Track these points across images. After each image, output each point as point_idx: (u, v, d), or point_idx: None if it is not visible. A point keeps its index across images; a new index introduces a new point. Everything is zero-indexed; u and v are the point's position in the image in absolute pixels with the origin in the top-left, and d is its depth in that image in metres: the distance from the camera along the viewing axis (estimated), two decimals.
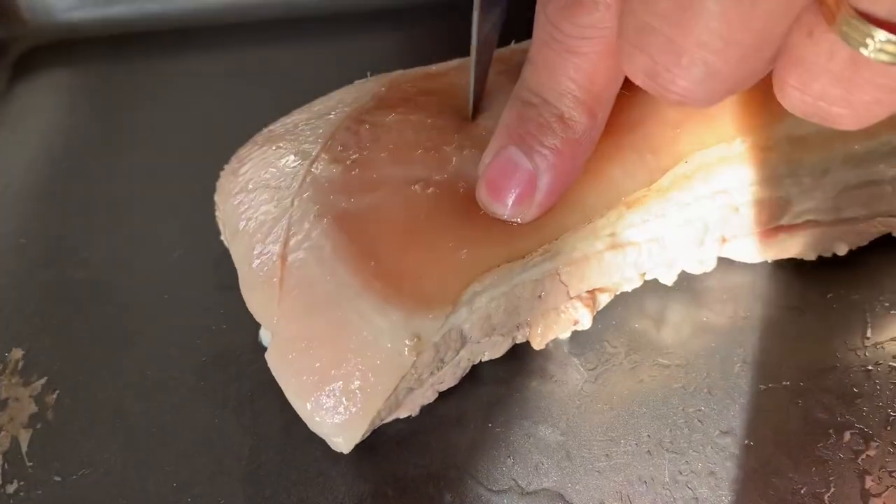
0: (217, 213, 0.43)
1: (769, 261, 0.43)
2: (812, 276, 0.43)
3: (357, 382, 0.33)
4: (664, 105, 0.37)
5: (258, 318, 0.36)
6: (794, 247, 0.42)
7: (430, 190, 0.36)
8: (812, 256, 0.43)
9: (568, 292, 0.39)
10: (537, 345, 0.40)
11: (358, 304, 0.34)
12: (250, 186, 0.40)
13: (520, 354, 0.41)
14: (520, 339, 0.40)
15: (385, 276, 0.34)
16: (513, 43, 0.47)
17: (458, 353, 0.38)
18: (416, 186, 0.36)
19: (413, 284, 0.34)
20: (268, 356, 0.35)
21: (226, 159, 0.43)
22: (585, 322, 0.40)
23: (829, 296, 0.43)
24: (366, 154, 0.38)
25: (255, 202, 0.39)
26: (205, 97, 0.61)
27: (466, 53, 0.45)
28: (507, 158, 0.33)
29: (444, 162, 0.37)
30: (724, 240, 0.42)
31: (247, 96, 0.60)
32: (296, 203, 0.37)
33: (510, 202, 0.33)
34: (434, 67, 0.45)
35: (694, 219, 0.40)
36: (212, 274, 0.47)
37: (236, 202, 0.40)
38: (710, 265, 0.42)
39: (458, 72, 0.44)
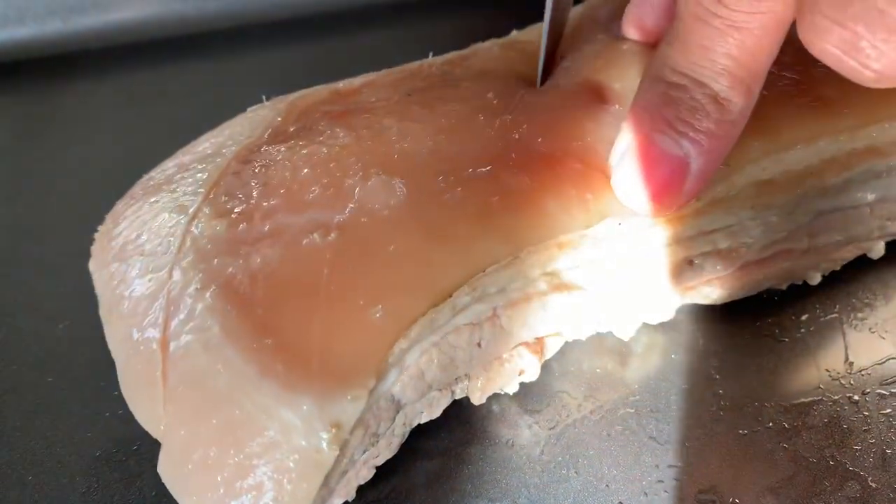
0: (94, 284, 0.36)
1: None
2: (783, 299, 0.39)
3: (271, 493, 0.27)
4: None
5: (143, 424, 0.30)
6: (764, 281, 0.37)
7: (332, 236, 0.30)
8: (783, 286, 0.38)
9: (510, 339, 0.34)
10: (477, 399, 0.34)
11: (258, 396, 0.28)
12: (125, 253, 0.33)
13: (464, 416, 0.35)
14: (459, 395, 0.34)
15: (287, 356, 0.28)
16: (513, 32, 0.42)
17: (393, 421, 0.32)
18: (315, 235, 0.30)
19: (322, 360, 0.28)
20: (160, 469, 0.29)
21: (109, 211, 0.37)
22: (532, 372, 0.35)
23: (803, 317, 0.38)
24: (253, 203, 0.32)
25: (129, 274, 0.32)
26: (94, 130, 0.54)
27: (385, 65, 0.40)
28: (651, 145, 0.30)
29: (344, 197, 0.31)
30: (685, 289, 0.36)
31: (143, 126, 0.52)
32: (175, 273, 0.31)
33: (653, 193, 0.30)
34: (342, 84, 0.39)
35: (641, 273, 0.34)
36: (103, 349, 0.40)
37: (109, 274, 0.33)
38: (669, 315, 0.37)
39: (374, 87, 0.38)
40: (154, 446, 0.35)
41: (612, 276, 0.35)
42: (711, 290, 0.37)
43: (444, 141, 0.33)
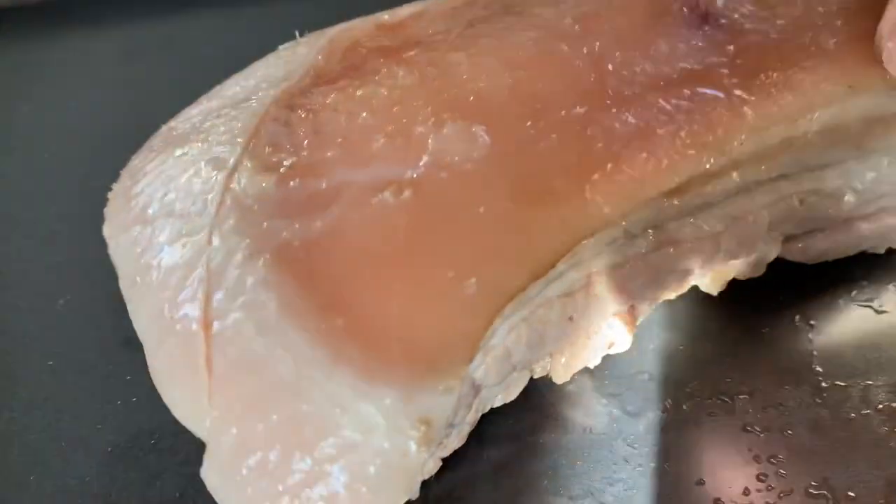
0: (109, 251, 0.31)
1: None
2: (876, 264, 0.34)
3: None
4: None
5: (183, 421, 0.25)
6: (864, 240, 0.33)
7: (406, 195, 0.25)
8: (881, 250, 0.34)
9: (605, 310, 0.29)
10: (560, 378, 0.30)
11: (329, 387, 0.23)
12: (149, 215, 0.28)
13: (534, 398, 0.31)
14: (539, 374, 0.30)
15: (364, 338, 0.23)
16: None
17: (470, 408, 0.27)
18: (387, 193, 0.25)
19: (406, 344, 0.23)
20: (204, 475, 0.24)
21: (119, 168, 0.32)
22: (623, 343, 0.30)
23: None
24: (305, 155, 0.27)
25: (157, 239, 0.27)
26: (92, 85, 0.48)
27: None
28: None
29: (416, 148, 0.26)
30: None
31: (145, 81, 0.47)
32: (214, 238, 0.26)
33: None
34: (387, 15, 0.33)
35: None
36: (111, 326, 0.34)
37: (132, 239, 0.28)
38: (761, 269, 0.33)
39: (426, 18, 0.32)
40: (176, 438, 0.31)
41: (719, 219, 0.30)
42: (812, 242, 0.32)
43: (525, 77, 0.28)
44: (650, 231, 0.28)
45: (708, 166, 0.27)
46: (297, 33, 0.34)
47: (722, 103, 0.28)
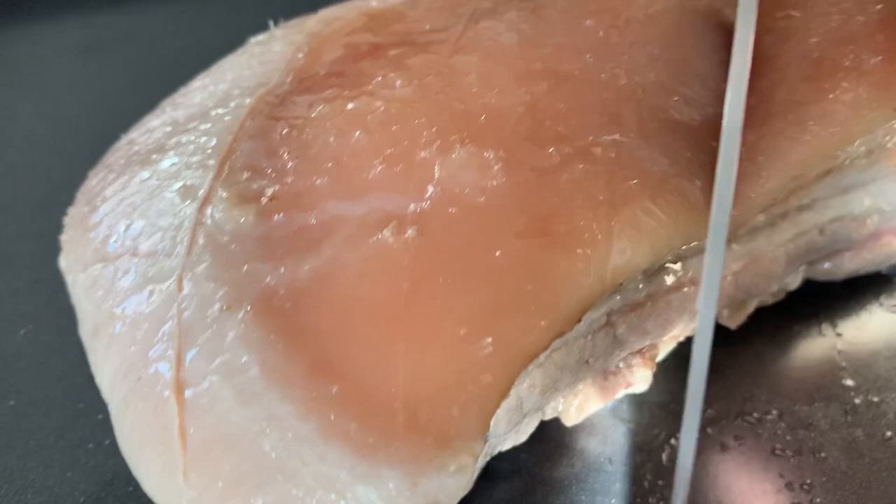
0: (68, 288, 0.27)
1: None
2: None
3: None
4: None
5: (155, 498, 0.22)
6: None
7: (409, 233, 0.22)
8: None
9: (623, 350, 0.26)
10: (571, 421, 0.27)
11: (322, 467, 0.20)
12: (110, 252, 0.24)
13: (544, 428, 0.28)
14: (549, 416, 0.27)
15: (361, 409, 0.20)
16: None
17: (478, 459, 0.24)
18: (386, 232, 0.22)
19: (411, 416, 0.20)
20: None
21: (80, 179, 0.28)
22: (643, 384, 0.28)
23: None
24: (291, 182, 0.23)
25: (120, 283, 0.23)
26: (47, 84, 0.43)
27: None
28: None
29: (420, 176, 0.23)
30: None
31: (105, 79, 0.42)
32: (186, 285, 0.22)
33: None
34: (375, 2, 0.30)
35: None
36: (78, 359, 0.31)
37: (92, 279, 0.24)
38: (782, 294, 0.30)
39: (422, 9, 0.29)
40: None
41: (738, 257, 0.27)
42: (839, 262, 0.30)
43: (546, 93, 0.24)
44: (671, 269, 0.25)
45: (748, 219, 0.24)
46: (270, 23, 0.30)
47: (759, 146, 0.24)
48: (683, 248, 0.25)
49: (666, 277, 0.25)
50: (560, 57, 0.25)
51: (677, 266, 0.26)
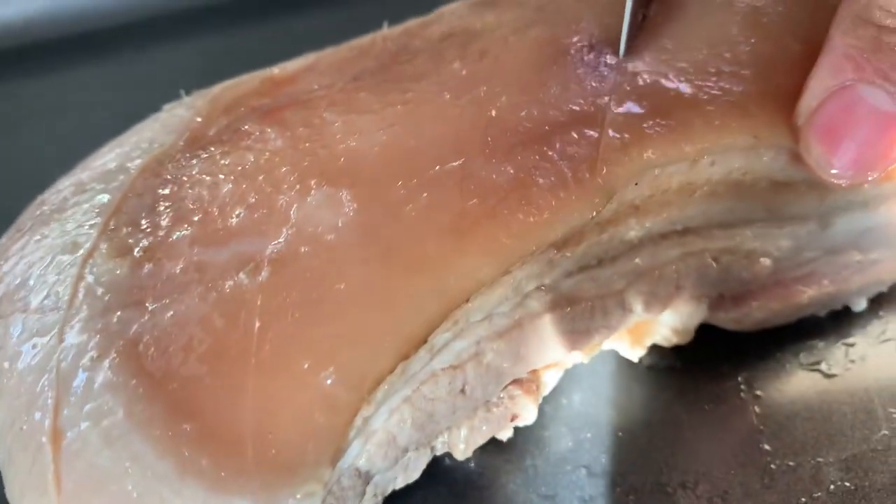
0: None
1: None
2: (824, 323, 0.32)
3: None
4: None
5: None
6: (806, 306, 0.30)
7: (263, 275, 0.23)
8: (822, 313, 0.31)
9: (500, 378, 0.27)
10: (461, 454, 0.28)
11: (178, 502, 0.21)
12: (4, 309, 0.26)
13: (447, 472, 0.29)
14: (440, 450, 0.28)
15: (214, 445, 0.21)
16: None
17: (362, 497, 0.25)
18: (242, 274, 0.23)
19: (260, 448, 0.21)
20: None
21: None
22: (528, 416, 0.28)
23: (852, 344, 0.31)
24: (162, 234, 0.25)
25: (10, 339, 0.25)
26: None
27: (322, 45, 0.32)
28: (854, 98, 0.25)
29: (278, 220, 0.24)
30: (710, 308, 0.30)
31: (34, 142, 0.43)
32: (66, 336, 0.24)
33: (851, 156, 0.25)
34: (277, 70, 0.31)
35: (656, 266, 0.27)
36: None
37: None
38: (687, 336, 0.30)
39: (315, 72, 0.30)
40: None
41: (621, 274, 0.28)
42: (747, 312, 0.30)
43: (401, 133, 0.26)
44: (542, 289, 0.26)
45: (594, 214, 0.24)
46: (182, 92, 0.32)
47: (613, 144, 0.25)
48: (548, 267, 0.26)
49: (533, 302, 0.26)
50: (420, 99, 0.27)
51: (549, 282, 0.26)
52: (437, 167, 0.24)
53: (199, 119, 0.29)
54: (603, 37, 0.29)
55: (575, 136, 0.25)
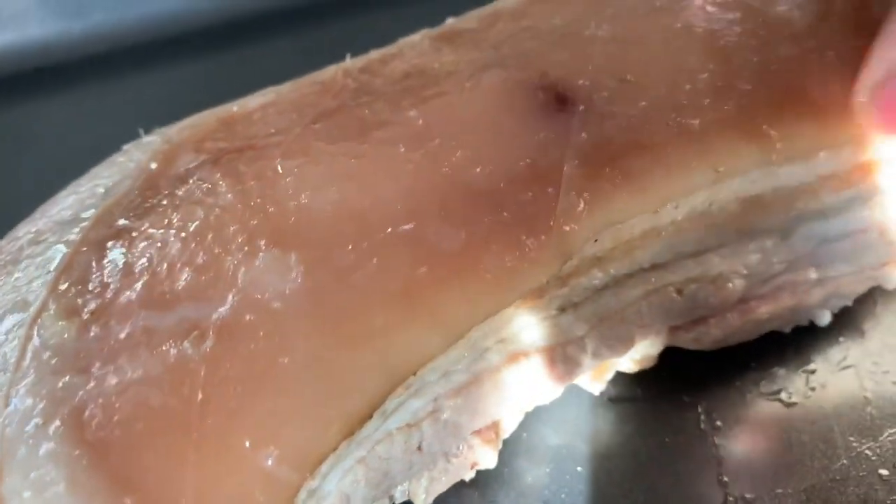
0: None
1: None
2: (786, 347, 0.31)
3: None
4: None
5: None
6: (767, 323, 0.30)
7: (207, 344, 0.23)
8: (787, 329, 0.31)
9: (458, 433, 0.26)
10: (422, 502, 0.28)
11: None
12: None
13: None
14: (399, 499, 0.28)
15: None
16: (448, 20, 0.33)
17: None
18: (186, 342, 0.23)
19: None
20: None
21: None
22: (488, 462, 0.28)
23: (813, 371, 0.31)
24: (110, 295, 0.25)
25: None
26: None
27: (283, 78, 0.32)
28: None
29: (225, 284, 0.24)
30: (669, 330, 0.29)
31: (10, 170, 0.43)
32: (12, 401, 0.23)
33: None
34: (236, 107, 0.31)
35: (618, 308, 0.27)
36: None
37: None
38: (651, 361, 0.30)
39: (274, 110, 0.30)
40: None
41: (583, 320, 0.28)
42: (705, 330, 0.29)
43: (354, 190, 0.25)
44: (502, 342, 0.26)
45: (546, 280, 0.24)
46: (140, 131, 0.31)
47: (570, 201, 0.25)
48: (506, 323, 0.25)
49: (492, 356, 0.26)
50: (375, 152, 0.26)
51: (507, 336, 0.26)
52: (389, 229, 0.24)
53: (153, 165, 0.29)
54: (560, 79, 0.28)
55: (531, 193, 0.25)
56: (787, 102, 0.27)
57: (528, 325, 0.26)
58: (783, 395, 0.30)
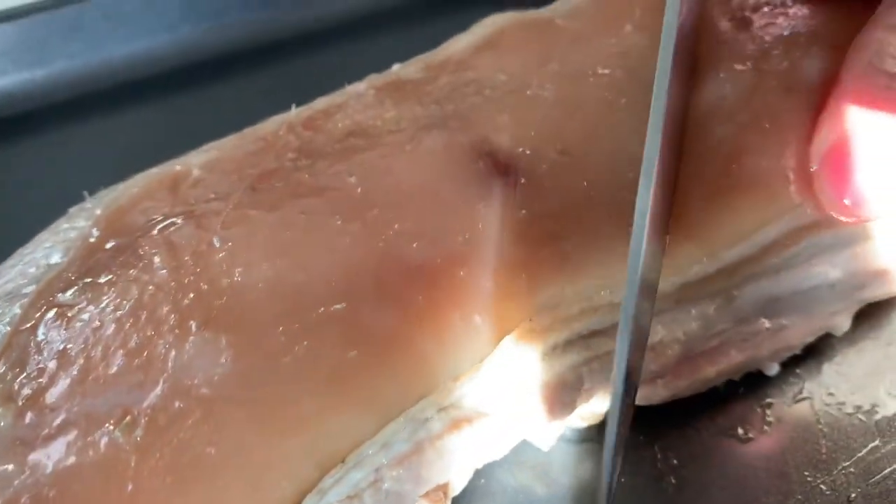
0: None
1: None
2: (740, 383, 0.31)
3: None
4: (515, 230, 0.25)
5: None
6: (716, 378, 0.30)
7: (137, 432, 0.23)
8: (736, 377, 0.31)
9: (402, 501, 0.26)
10: None
11: None
12: None
13: None
14: None
15: None
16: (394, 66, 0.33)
17: None
18: (118, 431, 0.23)
19: None
20: None
21: None
22: None
23: (769, 406, 0.31)
24: (47, 380, 0.25)
25: None
26: None
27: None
28: (871, 143, 0.25)
29: (156, 368, 0.24)
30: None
31: None
32: None
33: (860, 196, 0.26)
34: (179, 166, 0.31)
35: (562, 372, 0.27)
36: None
37: None
38: (598, 418, 0.30)
39: (217, 170, 0.30)
40: None
41: (524, 387, 0.28)
42: (651, 390, 0.30)
43: (289, 266, 0.25)
44: (444, 410, 0.26)
45: (483, 359, 0.24)
46: (85, 193, 0.31)
47: (504, 280, 0.25)
48: (444, 395, 0.25)
49: (434, 424, 0.26)
50: (311, 224, 0.26)
51: (449, 404, 0.26)
52: (322, 308, 0.24)
53: (95, 233, 0.29)
54: (501, 145, 0.28)
55: (466, 271, 0.25)
56: (725, 187, 0.27)
57: (470, 393, 0.26)
58: (739, 432, 0.30)
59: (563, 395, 0.28)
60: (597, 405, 0.29)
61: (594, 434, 0.31)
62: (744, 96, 0.28)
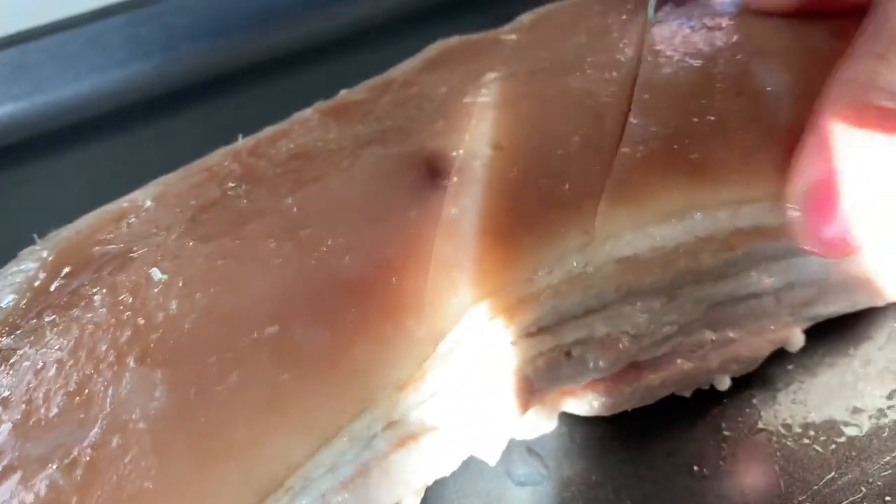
0: None
1: None
2: (696, 413, 0.31)
3: None
4: (446, 235, 0.25)
5: None
6: (661, 388, 0.30)
7: (77, 472, 0.23)
8: (687, 394, 0.31)
9: None
10: None
11: None
12: None
13: None
14: None
15: None
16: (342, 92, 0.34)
17: None
18: (58, 471, 0.23)
19: None
20: None
21: None
22: None
23: (725, 437, 0.30)
24: None
25: None
26: None
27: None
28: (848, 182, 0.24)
29: (96, 406, 0.24)
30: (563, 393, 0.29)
31: None
32: None
33: (840, 236, 0.25)
34: (126, 203, 0.31)
35: (507, 378, 0.27)
36: None
37: None
38: (551, 425, 0.30)
39: (162, 204, 0.30)
40: None
41: (471, 394, 0.27)
42: (596, 397, 0.29)
43: (223, 294, 0.25)
44: (389, 427, 0.26)
45: (420, 366, 0.24)
46: (35, 236, 0.32)
47: (439, 284, 0.25)
48: (387, 410, 0.25)
49: (380, 443, 0.26)
50: (246, 249, 0.26)
51: (393, 420, 0.26)
52: (255, 334, 0.24)
53: (41, 276, 0.29)
54: (435, 151, 0.28)
55: (398, 280, 0.25)
56: (659, 162, 0.27)
57: (416, 405, 0.26)
58: (695, 469, 0.30)
59: (509, 398, 0.28)
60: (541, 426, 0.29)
61: (545, 474, 0.31)
62: (694, 88, 0.28)
